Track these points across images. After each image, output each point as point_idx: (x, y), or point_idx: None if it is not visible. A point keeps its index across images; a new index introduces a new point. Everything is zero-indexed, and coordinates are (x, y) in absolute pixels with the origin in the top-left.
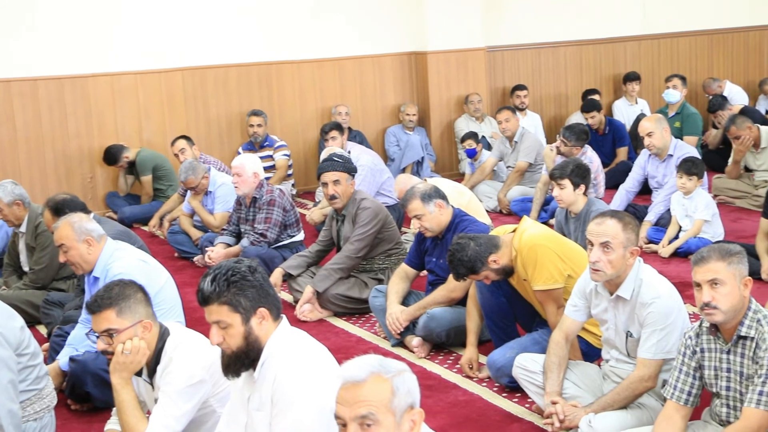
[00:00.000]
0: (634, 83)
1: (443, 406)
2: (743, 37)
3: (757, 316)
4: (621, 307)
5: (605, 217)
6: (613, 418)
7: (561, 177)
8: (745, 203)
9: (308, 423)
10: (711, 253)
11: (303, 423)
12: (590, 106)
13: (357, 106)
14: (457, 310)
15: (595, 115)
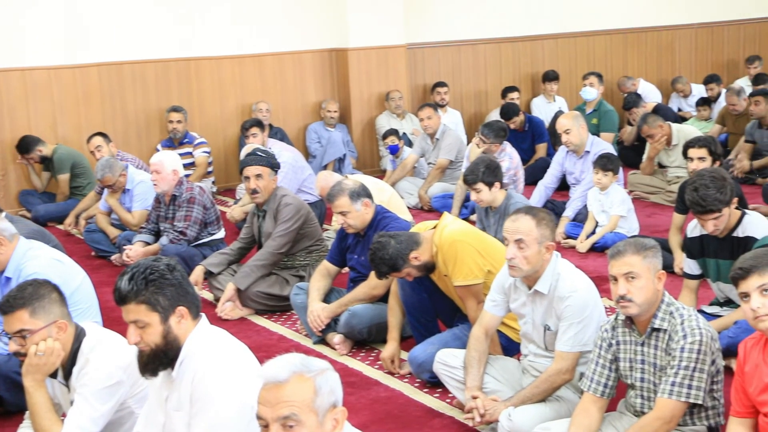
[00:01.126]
0: (553, 83)
1: (365, 403)
2: (656, 36)
3: (669, 309)
4: (539, 301)
5: (519, 214)
6: (532, 411)
7: (474, 182)
8: (659, 198)
9: (227, 422)
10: (627, 248)
11: (222, 422)
12: (510, 112)
13: (278, 102)
14: (379, 306)
15: (515, 119)
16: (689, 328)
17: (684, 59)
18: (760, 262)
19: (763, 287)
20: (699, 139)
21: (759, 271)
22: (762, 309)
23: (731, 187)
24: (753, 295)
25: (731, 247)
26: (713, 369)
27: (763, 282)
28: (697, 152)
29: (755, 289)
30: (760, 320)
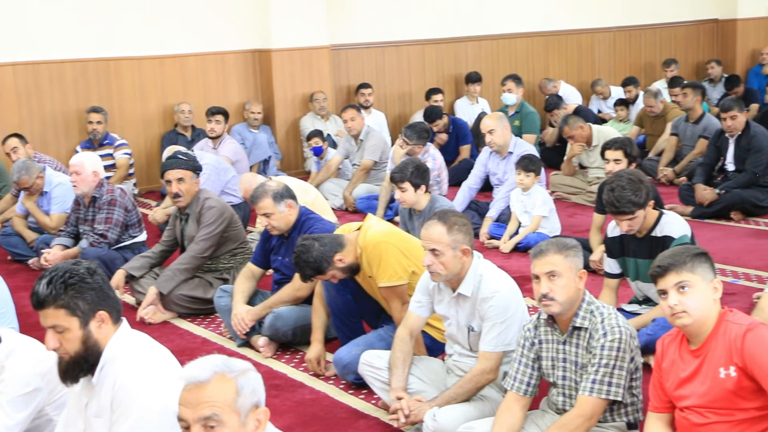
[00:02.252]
0: (476, 84)
1: (290, 405)
2: (576, 40)
3: (590, 308)
4: (462, 303)
5: (432, 222)
6: (457, 411)
7: (401, 180)
8: (580, 199)
9: (149, 428)
10: (549, 247)
11: (143, 427)
12: (433, 115)
13: (200, 104)
14: (303, 308)
15: (438, 122)
16: (609, 327)
17: (603, 62)
18: (677, 260)
19: (680, 284)
20: (615, 141)
21: (676, 269)
22: (679, 306)
23: (647, 190)
24: (670, 293)
25: (650, 247)
26: (632, 366)
27: (680, 279)
28: (613, 154)
29: (672, 287)
30: (677, 317)
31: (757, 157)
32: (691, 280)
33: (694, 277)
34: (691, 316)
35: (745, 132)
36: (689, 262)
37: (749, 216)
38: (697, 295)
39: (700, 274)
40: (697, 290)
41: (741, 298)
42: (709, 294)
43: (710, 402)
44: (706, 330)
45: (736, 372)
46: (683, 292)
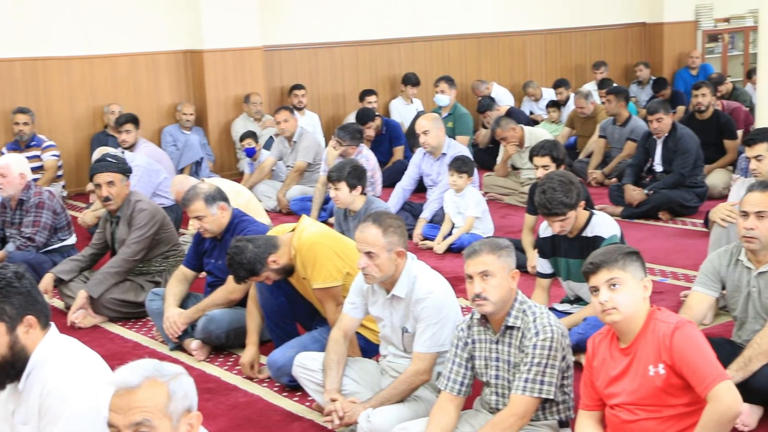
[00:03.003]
0: (414, 87)
1: (223, 409)
2: (508, 42)
3: (523, 307)
4: (396, 304)
5: (367, 224)
6: (391, 412)
7: (338, 179)
8: (512, 200)
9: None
10: (482, 247)
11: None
12: (365, 118)
13: (131, 105)
14: (237, 311)
15: (371, 124)
16: (541, 326)
17: (535, 64)
18: (609, 258)
19: (611, 282)
20: (542, 146)
21: (608, 266)
22: (609, 303)
23: (578, 191)
24: (602, 289)
25: (581, 247)
26: (564, 365)
27: (611, 276)
28: (540, 160)
29: (604, 283)
30: (607, 313)
31: (683, 158)
32: (622, 277)
33: (625, 275)
34: (620, 312)
35: (672, 134)
36: (621, 260)
37: (677, 216)
38: (627, 292)
39: (631, 272)
40: (628, 288)
41: (669, 296)
42: (639, 292)
43: (639, 399)
44: (635, 328)
45: (665, 369)
46: (614, 289)
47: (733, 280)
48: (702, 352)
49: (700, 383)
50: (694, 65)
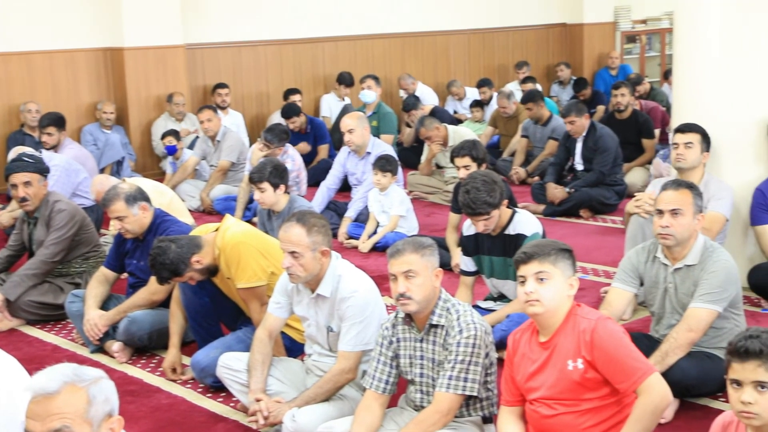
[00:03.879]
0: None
1: (146, 411)
2: (432, 41)
3: (446, 305)
4: (321, 304)
5: (291, 224)
6: (316, 411)
7: (260, 180)
8: (437, 198)
9: None
10: (405, 246)
11: None
12: (290, 111)
13: (48, 103)
14: (160, 312)
15: (296, 120)
16: (465, 324)
17: (458, 63)
18: (542, 251)
19: (539, 275)
20: (462, 147)
21: (540, 258)
22: (534, 294)
23: (501, 190)
24: (529, 280)
25: (503, 245)
26: (487, 362)
27: (540, 269)
28: (461, 161)
29: (532, 275)
30: (530, 304)
31: (603, 157)
32: (550, 271)
33: (554, 270)
34: (543, 306)
35: (592, 133)
36: (553, 256)
37: (597, 214)
38: (553, 287)
39: (561, 268)
40: (554, 283)
41: (590, 292)
42: (565, 289)
43: (558, 393)
44: (555, 322)
45: (584, 364)
46: (541, 283)
47: (651, 276)
48: (625, 348)
49: (628, 377)
50: (613, 65)
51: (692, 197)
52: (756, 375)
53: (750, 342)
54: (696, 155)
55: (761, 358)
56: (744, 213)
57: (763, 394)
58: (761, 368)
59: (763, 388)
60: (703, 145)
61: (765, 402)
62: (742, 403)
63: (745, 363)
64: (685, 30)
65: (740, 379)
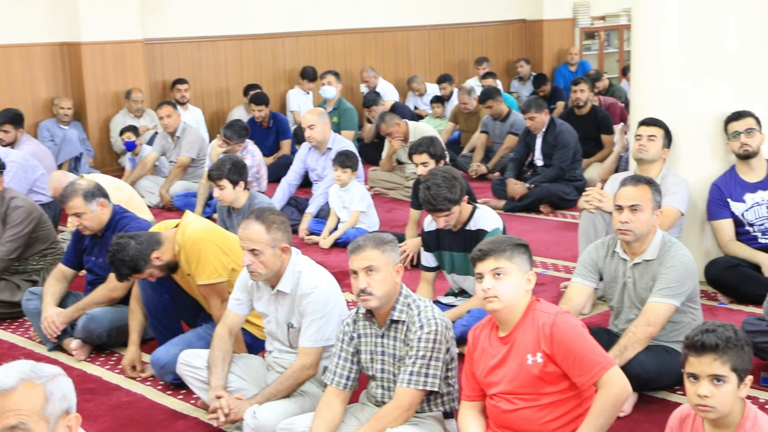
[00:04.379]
0: (311, 83)
1: (105, 409)
2: (392, 37)
3: (407, 301)
4: (281, 300)
5: (250, 221)
6: (277, 408)
7: (219, 178)
8: (397, 194)
9: None
10: (366, 242)
11: None
12: (260, 99)
13: (3, 98)
14: (119, 309)
15: (263, 108)
16: (425, 319)
17: (419, 59)
18: (498, 247)
19: (496, 270)
20: (418, 144)
21: (496, 255)
22: (491, 291)
23: (461, 186)
24: (486, 277)
25: (464, 240)
26: (448, 357)
27: (497, 266)
28: (418, 158)
29: (489, 271)
30: (488, 301)
31: (563, 152)
32: (507, 267)
33: (510, 266)
34: (501, 301)
35: (552, 129)
36: (509, 251)
37: (557, 209)
38: (511, 283)
39: (517, 264)
40: (511, 278)
41: (550, 287)
42: (522, 284)
43: (517, 388)
44: (514, 317)
45: (543, 358)
46: (498, 278)
47: (610, 271)
48: (585, 342)
49: (587, 371)
50: (572, 62)
51: (651, 193)
52: (712, 369)
53: (706, 336)
54: (657, 149)
55: (717, 352)
56: (701, 208)
57: (719, 388)
58: (717, 362)
59: (719, 381)
60: (665, 140)
61: (721, 395)
62: (699, 396)
63: (701, 357)
64: (642, 26)
65: (697, 373)
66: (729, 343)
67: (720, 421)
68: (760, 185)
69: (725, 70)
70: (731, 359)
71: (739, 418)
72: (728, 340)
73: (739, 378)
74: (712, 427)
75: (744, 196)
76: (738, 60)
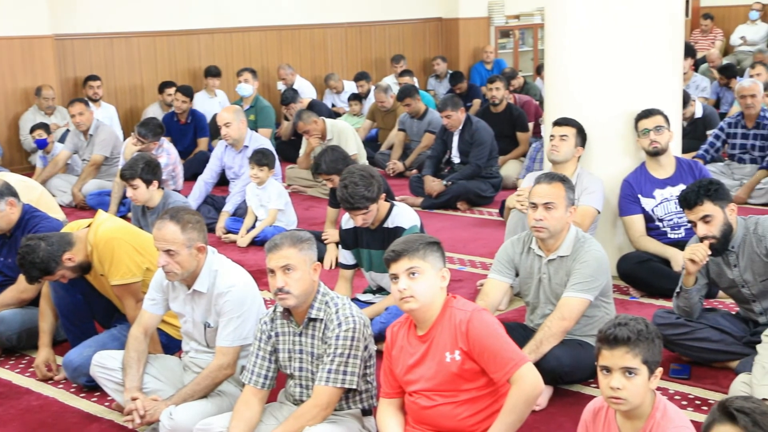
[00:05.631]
0: (215, 79)
1: (15, 414)
2: (309, 34)
3: (325, 299)
4: (198, 299)
5: (164, 221)
6: (194, 408)
7: (132, 177)
8: (315, 192)
9: None
10: (283, 241)
11: None
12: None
13: None
14: (29, 311)
15: (188, 101)
16: (343, 317)
17: (336, 57)
18: (410, 247)
19: (410, 270)
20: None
21: (409, 255)
22: (407, 291)
23: (378, 184)
24: (401, 277)
25: (382, 238)
26: (366, 354)
27: (411, 266)
28: (321, 177)
29: (404, 272)
30: (404, 301)
31: (479, 150)
32: (421, 266)
33: (424, 264)
34: (418, 301)
35: (468, 126)
36: (421, 250)
37: (474, 206)
38: (426, 281)
39: (431, 262)
40: (426, 277)
41: (467, 284)
42: (437, 282)
43: (436, 385)
44: (432, 315)
45: (461, 355)
46: (413, 278)
47: (526, 267)
48: (499, 338)
49: (501, 368)
50: (488, 60)
51: (564, 190)
52: (624, 361)
53: (618, 329)
54: (570, 148)
55: (629, 345)
56: (613, 204)
57: (630, 380)
58: (629, 354)
59: (631, 374)
60: (577, 139)
61: (632, 387)
62: (612, 388)
63: (613, 350)
64: (555, 26)
65: (609, 366)
66: (640, 337)
67: (631, 412)
68: (669, 181)
69: (634, 68)
70: (642, 352)
71: (649, 410)
72: (639, 333)
73: (649, 370)
74: (624, 419)
75: (654, 192)
76: (646, 58)
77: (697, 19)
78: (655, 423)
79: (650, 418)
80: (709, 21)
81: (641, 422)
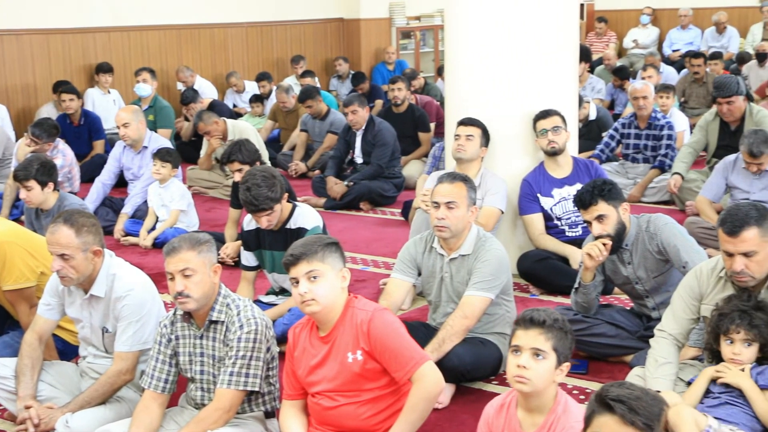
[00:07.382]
0: (107, 75)
1: None
2: (209, 33)
3: (226, 301)
4: (95, 304)
5: (58, 225)
6: (92, 415)
7: (26, 178)
8: (217, 193)
9: None
10: (182, 244)
11: None
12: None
13: None
14: None
15: (74, 98)
16: (245, 319)
17: (237, 57)
18: (309, 250)
19: (310, 274)
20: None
21: (308, 258)
22: (308, 294)
23: (281, 185)
24: (301, 281)
25: (285, 239)
26: (269, 356)
27: (311, 268)
28: (231, 167)
29: (303, 275)
30: (306, 304)
31: (382, 150)
32: (320, 269)
33: (323, 267)
34: (319, 303)
35: (371, 127)
36: (320, 252)
37: (377, 206)
38: (326, 283)
39: (330, 263)
40: (326, 279)
41: (370, 284)
42: (338, 282)
43: (339, 386)
44: (334, 317)
45: (363, 355)
46: (313, 281)
47: (428, 266)
48: (400, 337)
49: (402, 367)
50: (390, 60)
51: (466, 190)
52: (536, 342)
53: (536, 313)
54: (475, 148)
55: (543, 328)
56: (514, 203)
57: (538, 362)
58: (542, 337)
59: (539, 356)
60: (482, 139)
61: (539, 369)
62: (518, 366)
63: (528, 330)
64: (454, 27)
65: (521, 345)
66: (555, 324)
67: (533, 405)
68: (567, 180)
69: (531, 70)
70: (554, 338)
71: (551, 403)
72: (555, 321)
73: (558, 360)
74: (526, 413)
75: (552, 191)
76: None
77: (592, 22)
78: (556, 417)
79: (551, 413)
80: (604, 24)
81: (542, 417)
